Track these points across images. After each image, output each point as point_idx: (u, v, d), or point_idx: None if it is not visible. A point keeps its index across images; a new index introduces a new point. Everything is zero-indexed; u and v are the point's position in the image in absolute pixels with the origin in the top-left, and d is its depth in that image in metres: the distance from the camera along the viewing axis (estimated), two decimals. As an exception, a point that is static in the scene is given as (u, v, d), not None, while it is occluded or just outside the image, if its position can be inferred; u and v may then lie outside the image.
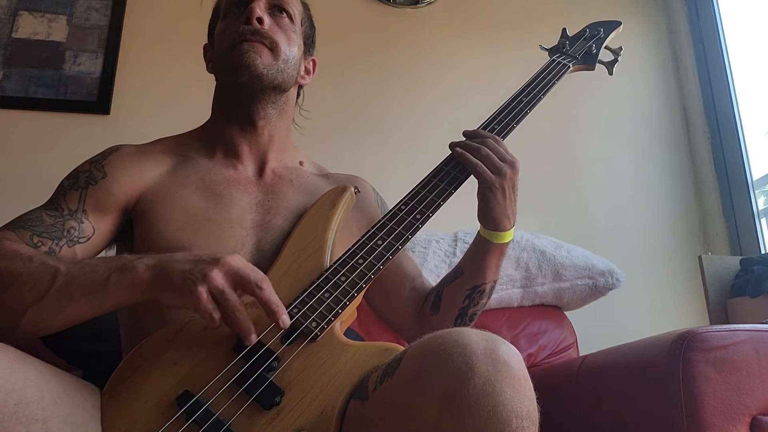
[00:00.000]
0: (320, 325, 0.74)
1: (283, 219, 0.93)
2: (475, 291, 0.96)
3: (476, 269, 0.96)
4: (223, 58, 0.98)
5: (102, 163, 0.93)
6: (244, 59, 0.94)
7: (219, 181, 0.96)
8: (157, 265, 0.70)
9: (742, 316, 1.40)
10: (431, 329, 0.97)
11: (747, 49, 1.99)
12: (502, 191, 0.90)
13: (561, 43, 1.17)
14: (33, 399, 0.60)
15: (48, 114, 1.75)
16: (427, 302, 1.01)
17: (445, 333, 0.60)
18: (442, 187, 0.91)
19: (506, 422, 0.54)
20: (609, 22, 1.22)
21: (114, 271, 0.71)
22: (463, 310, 0.97)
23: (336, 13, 1.99)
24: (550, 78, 1.07)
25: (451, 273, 1.00)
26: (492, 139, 0.93)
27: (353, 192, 0.94)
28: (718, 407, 0.80)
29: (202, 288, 0.67)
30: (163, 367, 0.71)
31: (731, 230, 1.88)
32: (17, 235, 0.82)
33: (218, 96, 1.05)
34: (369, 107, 1.93)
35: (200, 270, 0.68)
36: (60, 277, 0.71)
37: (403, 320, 1.03)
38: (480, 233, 0.95)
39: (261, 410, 0.66)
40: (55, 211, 0.87)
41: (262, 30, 0.96)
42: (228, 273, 0.69)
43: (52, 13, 1.84)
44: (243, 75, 0.94)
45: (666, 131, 2.07)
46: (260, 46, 0.96)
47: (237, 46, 0.95)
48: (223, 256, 0.70)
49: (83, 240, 0.87)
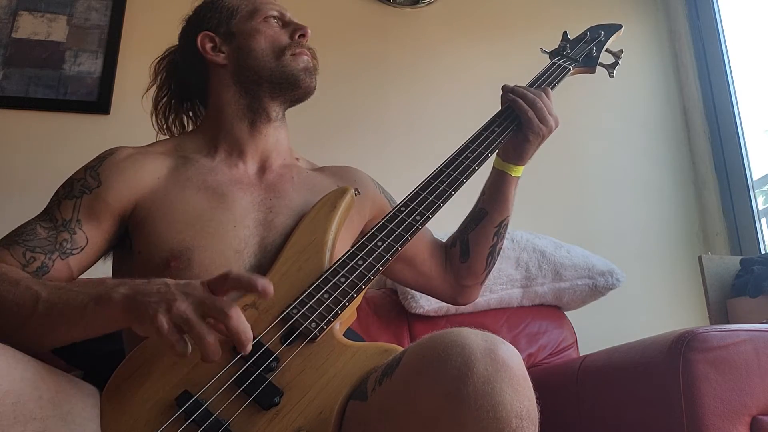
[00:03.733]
0: (319, 326, 0.74)
1: (285, 217, 0.93)
2: (501, 226, 1.05)
3: (500, 204, 1.04)
4: (275, 59, 1.00)
5: (97, 170, 0.92)
6: (309, 72, 1.02)
7: (221, 181, 0.95)
8: (129, 296, 0.67)
9: (742, 316, 1.40)
10: (464, 275, 1.08)
11: (747, 49, 1.99)
12: (541, 139, 1.01)
13: (562, 46, 1.18)
14: (31, 398, 0.60)
15: (48, 114, 1.75)
16: (453, 253, 1.09)
17: (444, 333, 0.60)
18: (442, 189, 0.91)
19: (506, 422, 0.54)
20: (610, 26, 1.22)
21: (91, 300, 0.69)
22: (492, 247, 1.06)
23: (336, 13, 1.99)
24: (551, 81, 1.08)
25: (473, 218, 1.07)
26: (545, 94, 1.01)
27: (354, 194, 0.95)
28: (718, 407, 0.80)
29: (164, 317, 0.63)
30: (163, 368, 0.71)
31: (731, 230, 1.88)
32: (10, 252, 0.82)
33: (228, 92, 1.01)
34: (369, 107, 1.93)
35: (166, 299, 0.64)
36: (40, 304, 0.71)
37: (435, 279, 1.10)
38: (499, 170, 1.04)
39: (260, 410, 0.67)
40: (49, 223, 0.87)
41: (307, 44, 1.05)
42: (193, 302, 0.65)
43: (52, 13, 1.84)
44: (305, 82, 1.01)
45: (666, 131, 2.06)
46: (312, 59, 1.04)
47: (298, 57, 1.01)
48: (189, 283, 0.67)
49: (76, 251, 0.86)
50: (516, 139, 1.00)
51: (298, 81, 1.00)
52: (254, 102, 1.01)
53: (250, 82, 1.00)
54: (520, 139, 1.00)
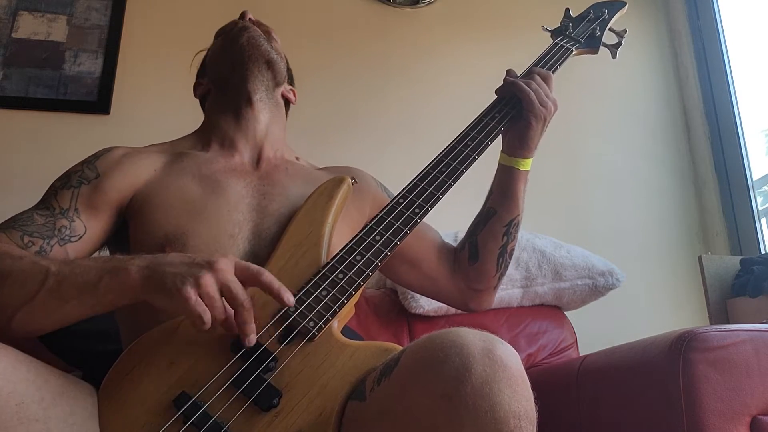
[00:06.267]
0: (318, 325, 0.73)
1: (279, 205, 0.94)
2: (511, 225, 1.02)
3: (509, 202, 1.01)
4: (220, 42, 1.07)
5: (95, 163, 0.93)
6: (244, 27, 1.04)
7: (215, 169, 0.97)
8: (149, 267, 0.69)
9: (742, 316, 1.39)
10: (474, 279, 1.04)
11: (747, 49, 1.98)
12: (543, 122, 0.98)
13: (564, 24, 1.15)
14: (34, 399, 0.60)
15: (48, 114, 1.75)
16: (461, 256, 1.05)
17: (443, 333, 0.60)
18: (441, 180, 0.89)
19: (504, 422, 0.54)
20: (613, 3, 1.19)
21: (106, 273, 0.70)
22: (503, 248, 1.02)
23: (336, 13, 1.99)
24: (554, 63, 1.06)
25: (481, 219, 1.04)
26: (543, 77, 1.00)
27: (350, 183, 0.93)
28: (717, 407, 0.80)
29: (192, 290, 0.65)
30: (160, 367, 0.71)
31: (731, 230, 1.88)
32: (7, 235, 0.82)
33: (213, 101, 1.09)
34: (369, 107, 1.93)
35: (192, 273, 0.67)
36: (51, 278, 0.71)
37: (443, 284, 1.07)
38: (506, 165, 1.01)
39: (259, 412, 0.66)
40: (46, 211, 0.87)
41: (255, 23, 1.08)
42: (219, 279, 0.68)
43: (52, 13, 1.84)
44: (242, 36, 1.02)
45: (666, 131, 2.06)
46: (255, 27, 1.06)
47: (234, 26, 1.06)
48: (217, 259, 0.69)
49: (75, 239, 0.86)
50: (517, 127, 0.98)
51: (237, 38, 1.03)
52: (232, 92, 1.04)
53: (222, 79, 1.06)
54: (521, 126, 0.98)
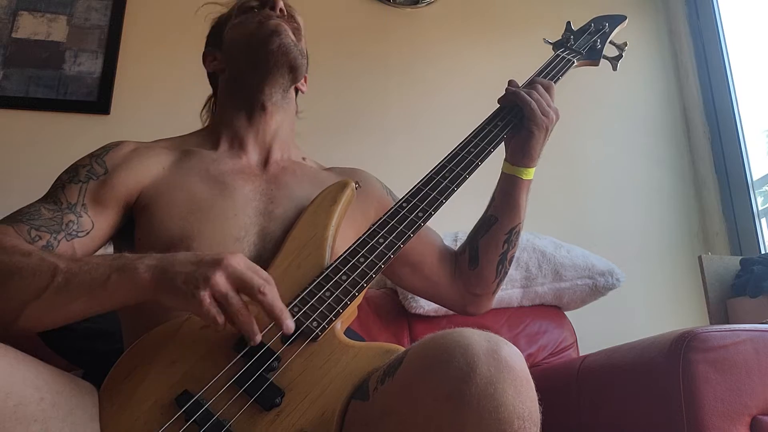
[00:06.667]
0: (321, 325, 0.73)
1: (286, 209, 0.93)
2: (512, 233, 1.02)
3: (511, 210, 1.01)
4: (247, 35, 1.00)
5: (103, 158, 0.93)
6: (276, 29, 0.98)
7: (223, 170, 0.96)
8: (159, 267, 0.69)
9: (742, 316, 1.40)
10: (473, 284, 1.05)
11: (747, 49, 1.99)
12: (545, 131, 0.98)
13: (565, 37, 1.16)
14: (32, 400, 0.60)
15: (48, 114, 1.75)
16: (462, 260, 1.06)
17: (447, 333, 0.60)
18: (444, 185, 0.90)
19: (508, 423, 0.54)
20: (614, 17, 1.20)
21: (114, 271, 0.70)
22: (503, 255, 1.03)
23: (336, 13, 1.99)
24: (555, 73, 1.07)
25: (483, 224, 1.04)
26: (545, 87, 1.01)
27: (354, 187, 0.94)
28: (718, 407, 0.80)
29: (205, 292, 0.66)
30: (162, 366, 0.71)
31: (731, 230, 1.88)
32: (15, 229, 0.81)
33: (227, 89, 1.06)
34: (369, 107, 1.93)
35: (202, 273, 0.67)
36: (59, 275, 0.70)
37: (443, 287, 1.07)
38: (508, 174, 1.01)
39: (261, 411, 0.66)
40: (53, 205, 0.87)
41: (285, 17, 1.03)
42: (230, 276, 0.68)
43: (52, 13, 1.84)
44: (273, 42, 0.98)
45: (666, 131, 2.06)
46: (287, 25, 1.01)
47: (266, 23, 1.00)
48: (225, 257, 0.69)
49: (82, 234, 0.86)
50: (520, 136, 0.99)
51: (267, 42, 0.97)
52: (248, 91, 1.02)
53: (240, 73, 1.03)
54: (524, 135, 0.98)
